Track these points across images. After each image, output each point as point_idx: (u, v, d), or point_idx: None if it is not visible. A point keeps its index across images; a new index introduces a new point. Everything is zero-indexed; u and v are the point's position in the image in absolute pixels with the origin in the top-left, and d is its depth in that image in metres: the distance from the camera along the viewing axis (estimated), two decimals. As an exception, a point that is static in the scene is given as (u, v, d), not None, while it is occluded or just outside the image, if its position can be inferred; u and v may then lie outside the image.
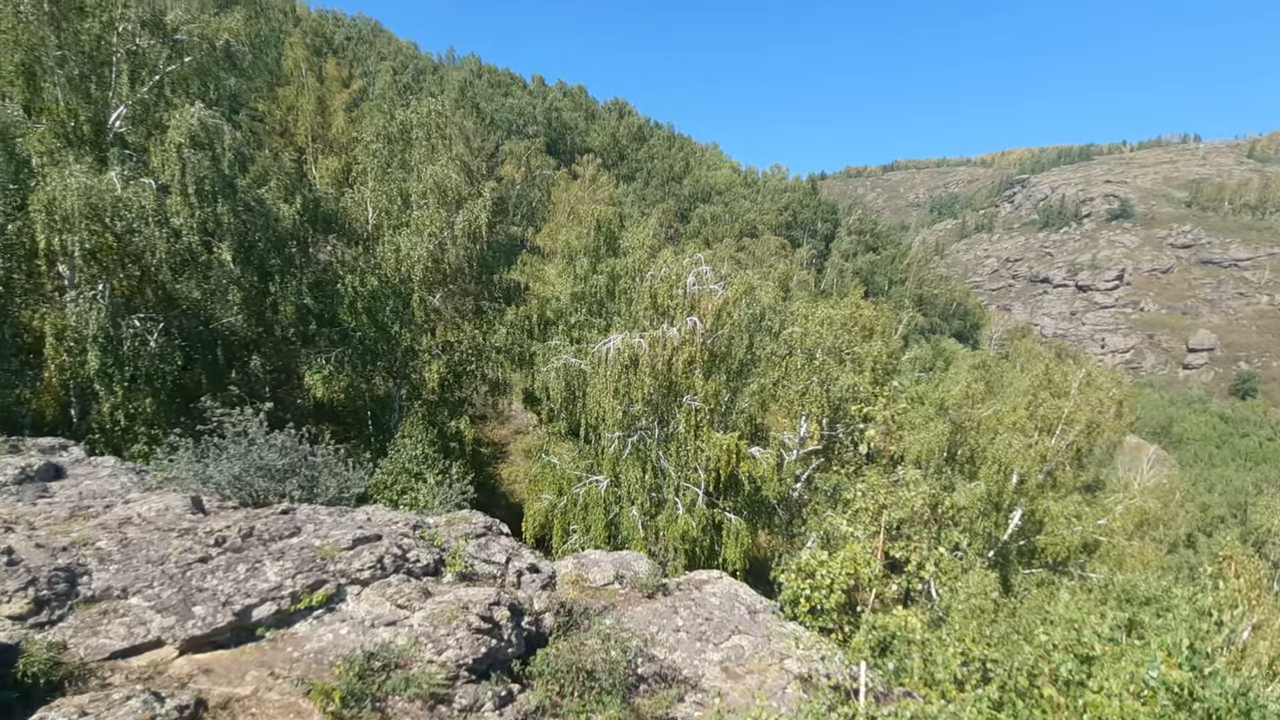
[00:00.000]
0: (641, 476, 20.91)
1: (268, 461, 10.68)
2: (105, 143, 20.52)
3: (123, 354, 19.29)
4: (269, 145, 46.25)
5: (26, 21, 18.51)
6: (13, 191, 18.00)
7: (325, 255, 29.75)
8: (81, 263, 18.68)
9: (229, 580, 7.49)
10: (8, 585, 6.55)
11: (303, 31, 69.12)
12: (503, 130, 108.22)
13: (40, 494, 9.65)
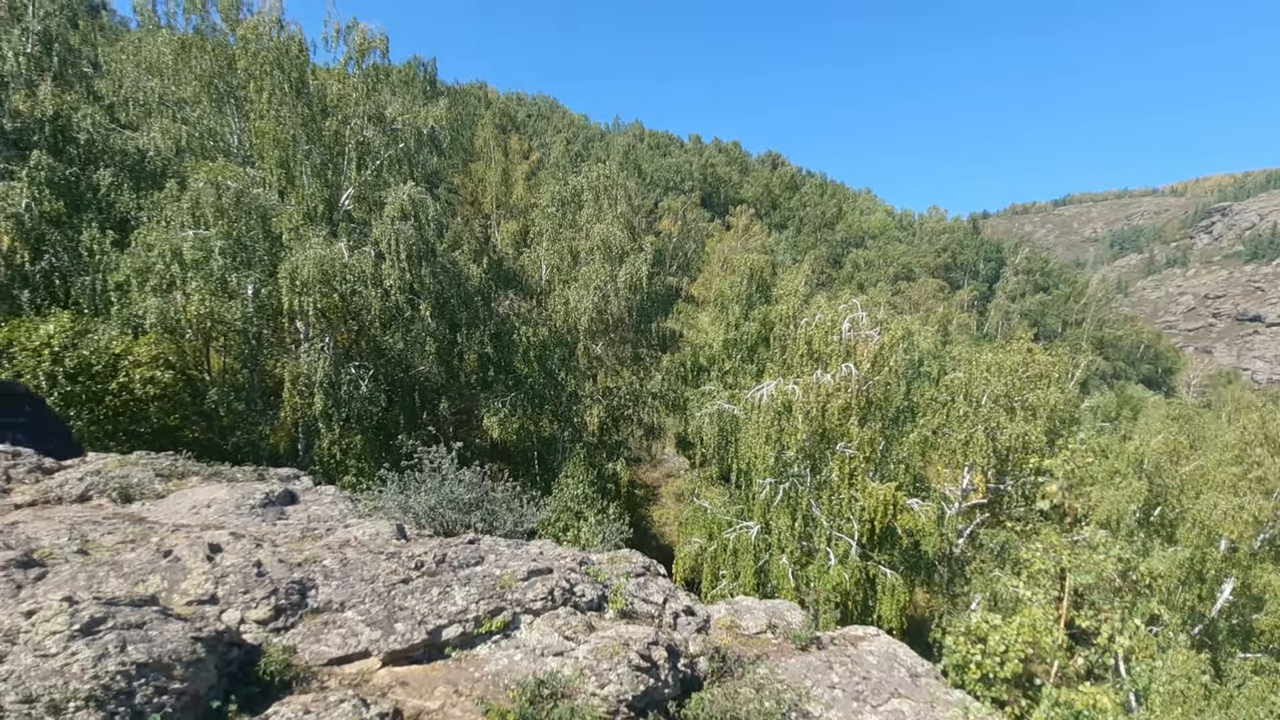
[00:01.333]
0: (792, 524, 20.38)
1: (457, 495, 11.59)
2: (336, 218, 23.51)
3: (340, 397, 21.75)
4: (461, 213, 50.80)
5: (285, 125, 21.78)
6: (266, 262, 21.00)
7: (504, 309, 32.00)
8: (314, 319, 21.35)
9: (424, 601, 8.16)
10: (256, 593, 7.55)
11: (492, 113, 75.61)
12: (661, 187, 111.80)
13: (279, 516, 11.02)
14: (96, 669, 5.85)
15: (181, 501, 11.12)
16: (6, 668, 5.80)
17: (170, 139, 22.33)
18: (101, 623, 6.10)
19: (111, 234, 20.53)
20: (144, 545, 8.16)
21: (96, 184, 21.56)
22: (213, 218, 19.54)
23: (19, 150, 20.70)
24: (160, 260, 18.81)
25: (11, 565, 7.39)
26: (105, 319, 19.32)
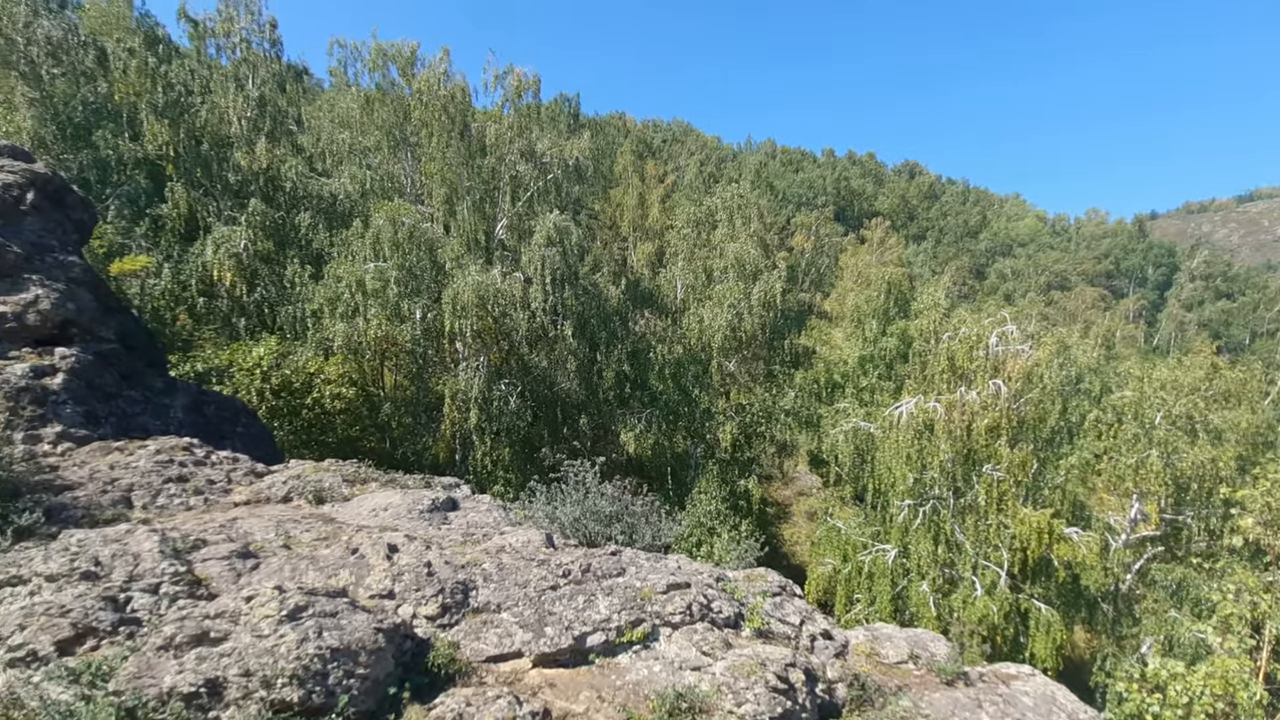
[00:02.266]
0: (933, 549, 19.25)
1: (599, 508, 11.99)
2: (491, 247, 25.16)
3: (492, 411, 23.10)
4: (600, 237, 52.54)
5: (450, 165, 23.74)
6: (432, 289, 22.82)
7: (640, 327, 32.68)
8: (471, 340, 22.89)
9: (571, 608, 8.52)
10: (426, 591, 8.22)
11: (630, 141, 77.78)
12: (793, 204, 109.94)
13: (443, 521, 11.88)
14: (299, 651, 6.60)
15: (363, 504, 12.22)
16: (230, 644, 6.68)
17: (356, 183, 24.98)
18: (304, 610, 6.89)
19: (309, 268, 23.23)
20: (335, 543, 9.09)
21: (298, 225, 24.51)
22: (389, 251, 21.59)
23: (239, 199, 23.95)
24: (347, 290, 21.04)
25: (234, 556, 8.50)
26: (303, 342, 21.82)
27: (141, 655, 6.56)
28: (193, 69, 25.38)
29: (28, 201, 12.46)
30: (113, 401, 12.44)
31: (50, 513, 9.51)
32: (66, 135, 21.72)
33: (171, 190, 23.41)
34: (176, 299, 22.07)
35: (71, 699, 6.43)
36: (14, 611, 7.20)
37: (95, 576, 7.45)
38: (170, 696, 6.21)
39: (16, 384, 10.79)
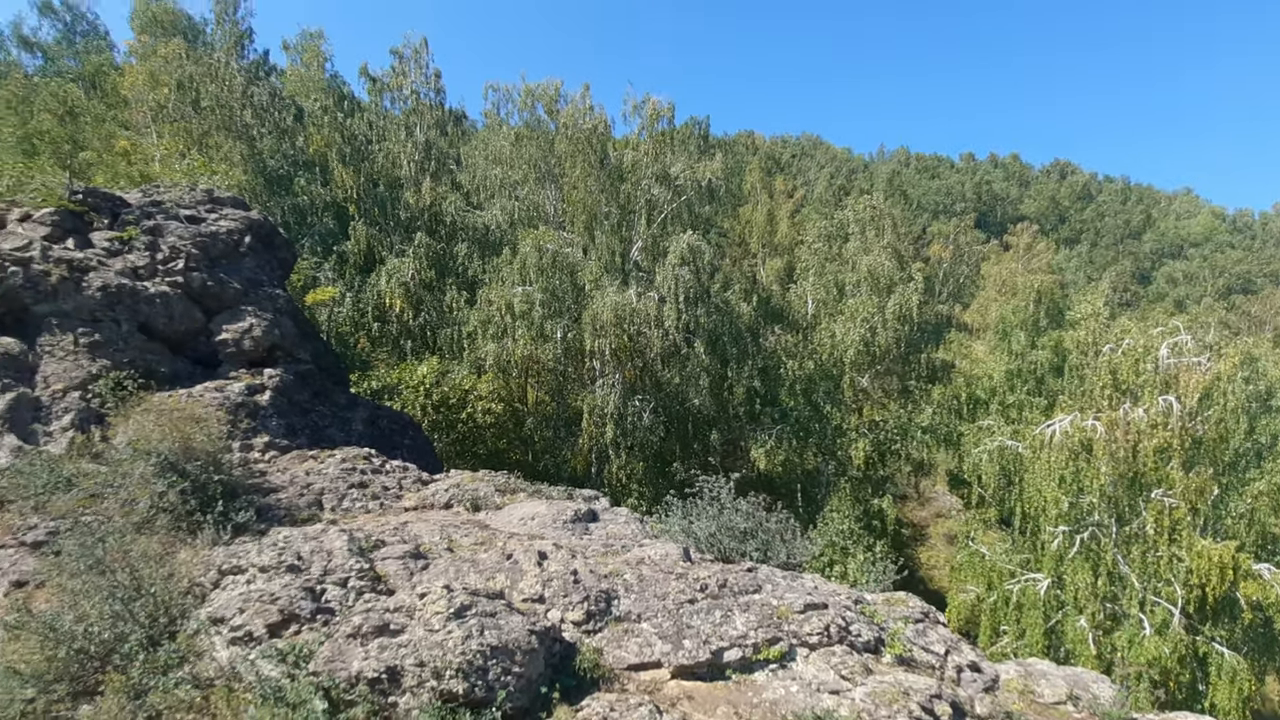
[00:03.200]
0: (1092, 581, 17.45)
1: (734, 524, 12.01)
2: (627, 268, 25.95)
3: (626, 427, 23.69)
4: (729, 254, 52.47)
5: (590, 192, 24.89)
6: (573, 310, 23.86)
7: (770, 343, 32.28)
8: (608, 358, 23.66)
9: (708, 622, 8.60)
10: (573, 598, 8.60)
11: (759, 158, 77.29)
12: (929, 212, 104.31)
13: (585, 532, 12.33)
14: (464, 646, 7.12)
15: (513, 513, 12.92)
16: (406, 636, 7.32)
17: (506, 214, 26.78)
18: (468, 609, 7.43)
19: (465, 293, 25.08)
20: (492, 548, 9.72)
21: (456, 254, 26.59)
22: (535, 275, 22.88)
23: (408, 233, 26.34)
24: (497, 312, 22.51)
25: (407, 556, 9.30)
26: (459, 361, 23.54)
27: (334, 641, 7.35)
28: (371, 120, 28.36)
29: (245, 244, 14.39)
30: (307, 415, 13.99)
31: (260, 511, 10.85)
32: (271, 185, 24.94)
33: (354, 228, 26.24)
34: (356, 324, 24.64)
35: (279, 676, 7.32)
36: (234, 597, 8.30)
37: (297, 569, 8.43)
38: (358, 680, 6.92)
39: (235, 400, 12.43)
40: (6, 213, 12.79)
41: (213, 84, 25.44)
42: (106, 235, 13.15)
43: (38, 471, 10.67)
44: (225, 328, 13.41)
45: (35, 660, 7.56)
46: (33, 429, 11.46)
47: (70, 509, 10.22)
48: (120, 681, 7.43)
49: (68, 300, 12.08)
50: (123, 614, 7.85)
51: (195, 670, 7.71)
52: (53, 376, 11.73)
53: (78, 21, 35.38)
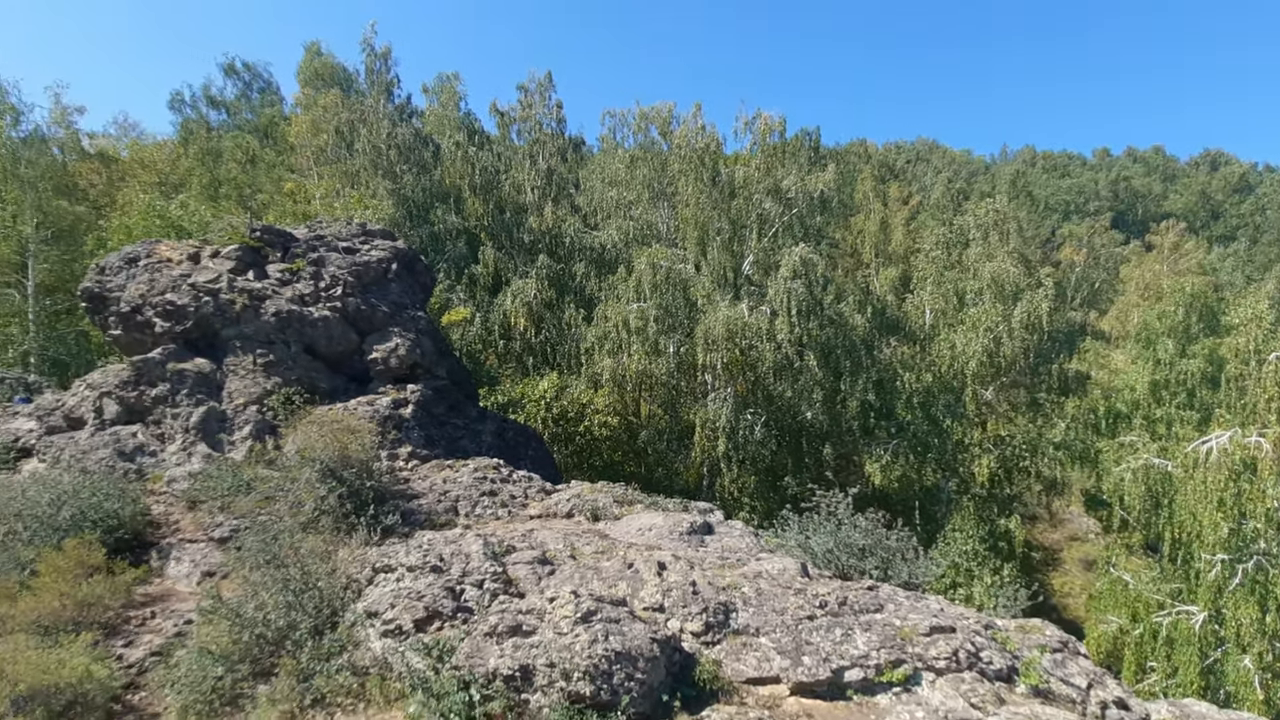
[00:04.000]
0: (1259, 617, 15.44)
1: (852, 540, 11.70)
2: (739, 282, 25.92)
3: (738, 440, 23.56)
4: (841, 265, 51.08)
5: (702, 209, 25.13)
6: (685, 325, 24.11)
7: (886, 355, 31.09)
8: (720, 372, 23.68)
9: (828, 640, 8.44)
10: (691, 609, 8.71)
11: (871, 166, 74.80)
12: (1058, 213, 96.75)
13: (700, 544, 12.41)
14: (590, 650, 7.40)
15: (631, 524, 13.19)
16: (538, 638, 7.70)
17: (621, 234, 27.54)
18: (594, 615, 7.72)
19: (582, 311, 25.95)
20: (613, 557, 10.01)
21: (574, 274, 27.64)
22: (649, 292, 23.33)
23: (531, 255, 27.69)
24: (613, 328, 23.11)
25: (535, 562, 9.76)
26: (577, 376, 24.36)
27: (473, 639, 7.84)
28: (499, 152, 30.14)
29: (392, 271, 15.69)
30: (443, 427, 14.98)
31: (404, 515, 11.73)
32: (412, 216, 27.04)
33: (483, 253, 27.87)
34: (485, 342, 26.12)
35: (425, 668, 7.90)
36: (386, 593, 9.03)
37: (440, 570, 9.06)
38: (494, 676, 7.35)
39: (383, 413, 13.54)
40: (201, 250, 14.65)
41: (364, 128, 28.00)
42: (279, 267, 14.77)
43: (223, 475, 12.08)
44: (375, 347, 14.66)
45: (224, 642, 8.56)
46: (219, 438, 12.99)
47: (249, 509, 11.49)
48: (291, 665, 8.28)
49: (248, 325, 13.65)
50: (294, 604, 8.75)
51: (353, 658, 8.47)
52: (235, 392, 13.27)
53: (255, 80, 40.13)
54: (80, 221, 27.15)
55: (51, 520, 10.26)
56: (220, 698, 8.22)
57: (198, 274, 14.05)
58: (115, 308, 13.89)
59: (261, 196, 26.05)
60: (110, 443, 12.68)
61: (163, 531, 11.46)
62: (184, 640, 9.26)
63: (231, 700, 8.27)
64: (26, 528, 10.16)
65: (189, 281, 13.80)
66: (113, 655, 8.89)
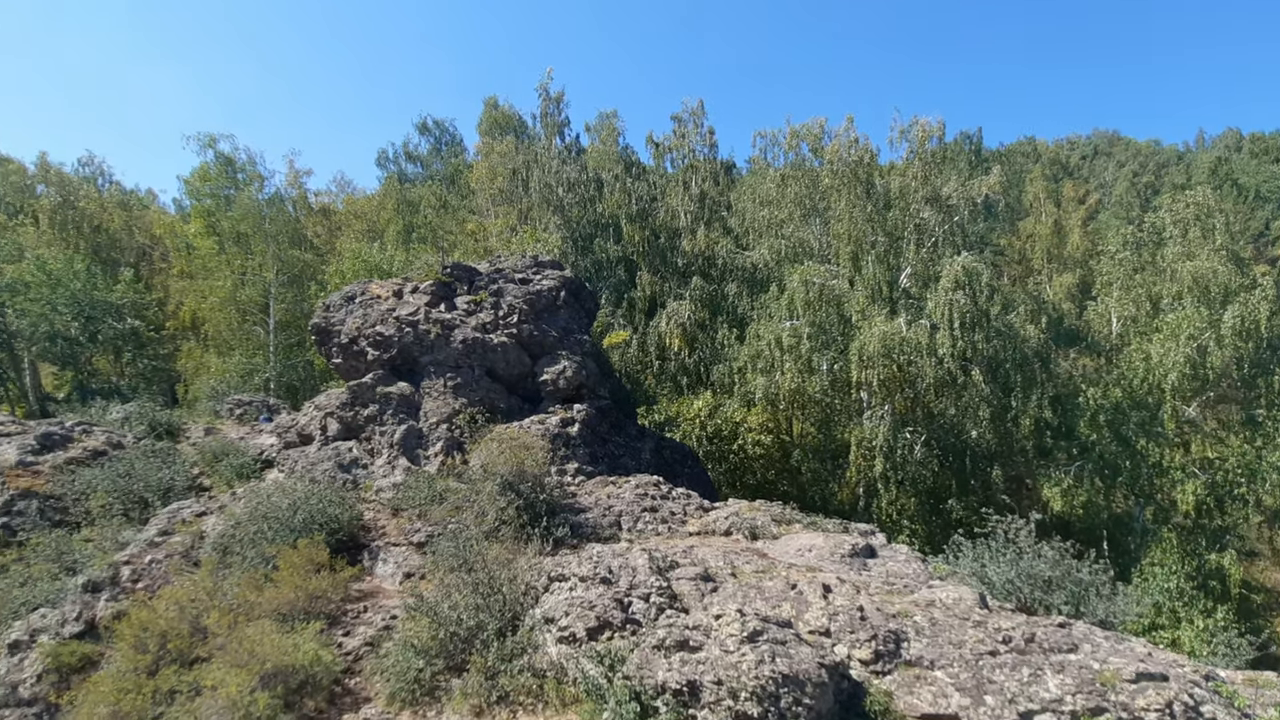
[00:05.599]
0: None
1: (1037, 571, 10.59)
2: (895, 296, 24.60)
3: (897, 460, 22.22)
4: (1008, 273, 46.90)
5: (856, 223, 24.24)
6: (839, 341, 23.26)
7: (1063, 369, 28.02)
8: (876, 389, 22.53)
9: (1014, 679, 7.68)
10: (860, 635, 8.29)
11: (1041, 165, 68.34)
12: (1273, 203, 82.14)
13: (862, 567, 11.80)
14: (757, 671, 7.26)
15: (790, 544, 12.84)
16: (704, 654, 7.67)
17: (773, 252, 27.18)
18: (760, 635, 7.57)
19: (735, 330, 25.87)
20: (775, 577, 9.78)
21: (726, 294, 27.69)
22: (802, 309, 22.77)
23: (684, 278, 28.14)
24: (766, 347, 22.78)
25: (698, 578, 9.77)
26: (730, 395, 24.25)
27: (642, 650, 7.97)
28: (654, 180, 31.03)
29: (561, 298, 16.61)
30: (606, 445, 15.51)
31: (573, 528, 12.23)
32: (577, 246, 28.55)
33: (639, 277, 28.72)
34: (642, 363, 26.81)
35: (598, 675, 8.14)
36: (560, 601, 9.43)
37: (609, 582, 9.33)
38: (663, 689, 7.42)
39: (553, 431, 14.28)
40: (403, 286, 16.38)
41: (537, 168, 30.04)
42: (465, 299, 16.15)
43: (420, 486, 13.29)
44: (546, 370, 15.53)
45: (424, 638, 9.35)
46: (417, 453, 14.34)
47: (442, 517, 12.54)
48: (480, 663, 8.87)
49: (440, 352, 15.02)
50: (482, 606, 9.39)
51: (532, 661, 8.92)
52: (430, 412, 14.61)
53: (443, 134, 44.85)
54: (308, 267, 31.49)
55: (289, 522, 11.76)
56: (421, 687, 8.96)
57: (400, 308, 15.70)
58: (337, 339, 15.84)
59: (450, 237, 28.74)
60: (332, 456, 14.41)
61: (372, 535, 12.76)
62: (390, 633, 10.20)
63: (430, 691, 8.99)
64: (270, 528, 11.73)
65: (394, 315, 15.46)
66: (334, 643, 9.95)
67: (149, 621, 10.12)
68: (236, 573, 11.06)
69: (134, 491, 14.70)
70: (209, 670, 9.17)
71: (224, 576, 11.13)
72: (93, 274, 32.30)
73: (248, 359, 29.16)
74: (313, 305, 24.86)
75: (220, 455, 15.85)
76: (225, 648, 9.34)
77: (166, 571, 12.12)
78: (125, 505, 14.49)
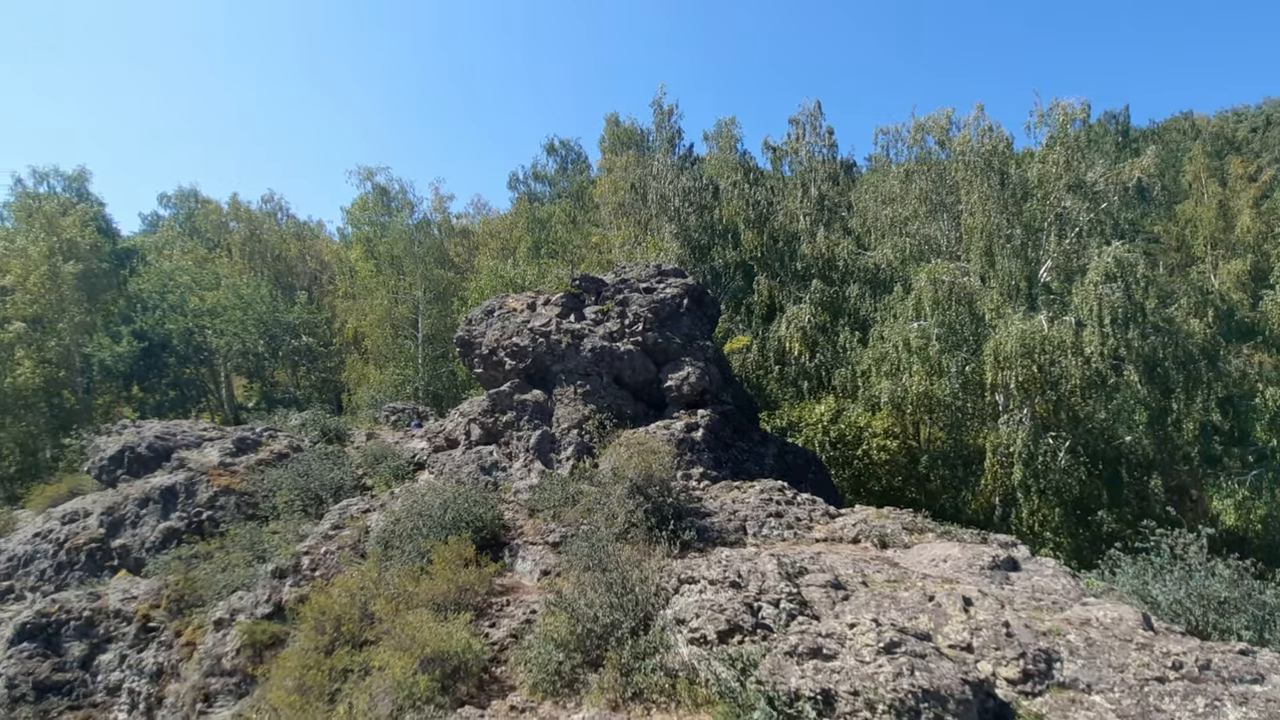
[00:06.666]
0: None
1: (1211, 591, 9.43)
2: (1034, 292, 22.72)
3: (1038, 468, 20.43)
4: (1164, 262, 41.91)
5: (989, 216, 22.65)
6: (971, 342, 21.80)
7: (1234, 367, 24.61)
8: (1014, 391, 20.89)
9: (1186, 709, 6.91)
10: (1006, 652, 7.74)
11: (1200, 142, 60.63)
12: None
13: (1004, 581, 10.98)
14: (894, 684, 6.97)
15: (923, 554, 12.19)
16: (838, 663, 7.47)
17: (897, 251, 25.85)
18: (897, 646, 7.28)
19: (857, 333, 24.91)
20: (910, 587, 9.35)
21: (848, 296, 26.72)
22: (929, 310, 21.53)
23: (803, 282, 27.49)
24: (892, 349, 21.74)
25: (827, 585, 9.53)
26: (853, 400, 23.35)
27: (774, 656, 7.89)
28: (771, 185, 30.59)
29: (683, 306, 16.79)
30: (729, 450, 15.45)
31: (699, 532, 12.28)
32: (695, 254, 28.69)
33: (758, 282, 28.34)
34: (762, 368, 26.43)
35: (730, 678, 8.13)
36: (690, 603, 9.51)
37: (738, 586, 9.31)
38: (797, 696, 7.29)
39: (677, 436, 14.43)
40: (536, 299, 17.22)
41: (655, 181, 30.55)
42: (593, 309, 16.72)
43: (554, 489, 13.87)
44: (670, 376, 15.73)
45: (562, 633, 9.74)
46: (550, 457, 14.99)
47: (574, 519, 13.01)
48: (616, 659, 9.11)
49: (570, 360, 15.63)
50: (617, 605, 9.65)
51: (664, 660, 9.04)
52: (561, 418, 15.24)
53: (569, 154, 46.73)
54: (451, 285, 33.85)
55: (440, 520, 12.64)
56: (560, 679, 9.33)
57: (534, 319, 16.51)
58: (478, 350, 16.90)
59: (576, 251, 29.89)
60: (475, 459, 15.37)
61: (511, 534, 13.45)
62: (531, 627, 10.70)
63: (569, 683, 9.34)
64: (424, 524, 12.67)
65: (528, 326, 16.29)
66: (481, 633, 10.58)
67: (326, 606, 11.26)
68: (396, 565, 12.02)
69: (311, 490, 16.39)
70: (376, 652, 10.06)
71: (386, 568, 12.14)
72: (274, 297, 36.50)
73: (400, 370, 31.71)
74: (455, 320, 26.69)
75: (379, 458, 17.34)
76: (390, 632, 10.20)
77: (338, 562, 13.41)
78: (304, 502, 16.18)
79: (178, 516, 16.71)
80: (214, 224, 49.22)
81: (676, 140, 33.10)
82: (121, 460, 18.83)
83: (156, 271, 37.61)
